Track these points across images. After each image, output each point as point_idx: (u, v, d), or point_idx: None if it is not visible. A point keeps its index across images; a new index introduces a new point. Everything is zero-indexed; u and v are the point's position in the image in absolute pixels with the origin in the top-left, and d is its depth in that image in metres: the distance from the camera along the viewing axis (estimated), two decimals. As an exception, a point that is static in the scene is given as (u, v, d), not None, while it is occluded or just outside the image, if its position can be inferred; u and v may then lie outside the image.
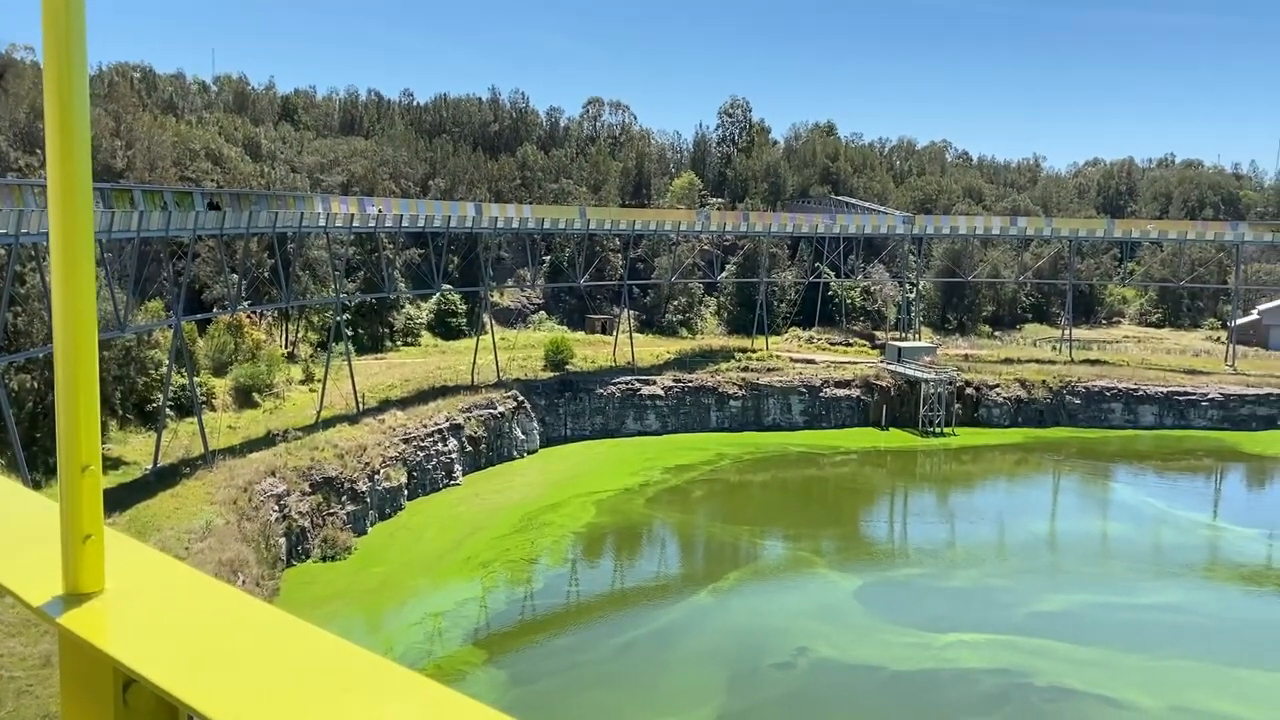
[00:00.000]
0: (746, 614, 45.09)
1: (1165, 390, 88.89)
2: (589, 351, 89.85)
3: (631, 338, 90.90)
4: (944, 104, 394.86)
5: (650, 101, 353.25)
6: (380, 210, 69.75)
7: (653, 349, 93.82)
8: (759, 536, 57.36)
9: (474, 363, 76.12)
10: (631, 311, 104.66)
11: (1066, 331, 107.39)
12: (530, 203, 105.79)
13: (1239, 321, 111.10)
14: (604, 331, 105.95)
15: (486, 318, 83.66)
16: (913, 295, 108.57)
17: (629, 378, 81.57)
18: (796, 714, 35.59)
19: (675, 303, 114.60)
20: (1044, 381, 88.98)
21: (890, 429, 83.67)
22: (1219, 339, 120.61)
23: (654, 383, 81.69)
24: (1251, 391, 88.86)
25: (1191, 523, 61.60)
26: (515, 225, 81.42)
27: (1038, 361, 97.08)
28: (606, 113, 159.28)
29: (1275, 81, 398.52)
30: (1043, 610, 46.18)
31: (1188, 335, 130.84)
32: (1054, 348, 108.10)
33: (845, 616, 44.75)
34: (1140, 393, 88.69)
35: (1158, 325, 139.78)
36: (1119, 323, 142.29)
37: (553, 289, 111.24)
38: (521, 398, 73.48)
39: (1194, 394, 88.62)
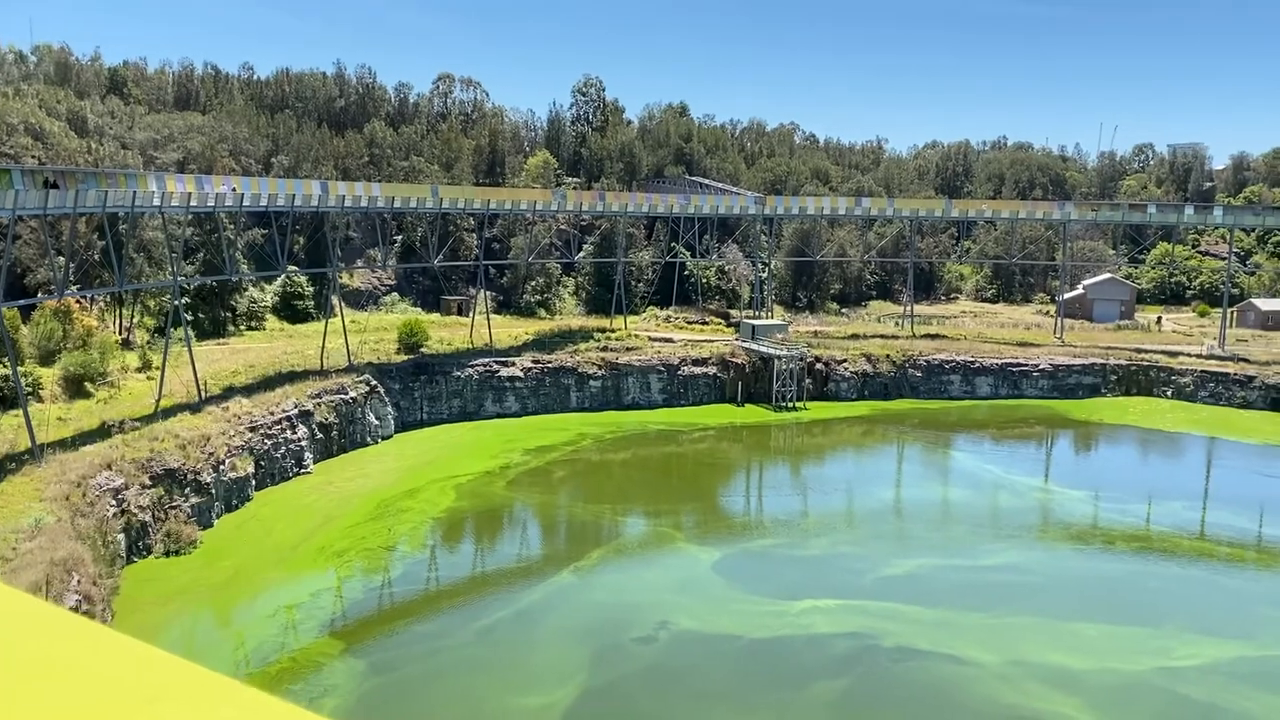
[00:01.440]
0: (609, 591, 45.40)
1: (1000, 362, 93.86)
2: (444, 333, 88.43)
3: (489, 319, 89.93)
4: (792, 86, 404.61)
5: (503, 79, 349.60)
6: (235, 188, 66.68)
7: (510, 330, 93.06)
8: (621, 514, 57.80)
9: (323, 347, 73.86)
10: (488, 292, 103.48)
11: (908, 307, 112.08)
12: (379, 181, 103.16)
13: (1066, 296, 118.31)
14: (460, 313, 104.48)
15: (335, 300, 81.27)
16: (765, 274, 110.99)
17: (487, 359, 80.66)
18: (658, 686, 36.09)
19: (533, 283, 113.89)
20: (888, 356, 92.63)
21: (746, 405, 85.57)
22: (1048, 312, 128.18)
23: (512, 364, 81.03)
24: (1078, 362, 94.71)
25: (1026, 487, 65.29)
26: (364, 204, 79.14)
27: (882, 337, 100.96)
28: (458, 89, 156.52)
29: (1097, 68, 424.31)
30: (890, 575, 48.16)
31: (1020, 309, 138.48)
32: (897, 323, 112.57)
33: (705, 589, 45.59)
34: (977, 365, 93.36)
35: (992, 300, 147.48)
36: (957, 298, 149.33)
37: (405, 270, 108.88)
38: (374, 382, 71.73)
39: (1026, 365, 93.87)
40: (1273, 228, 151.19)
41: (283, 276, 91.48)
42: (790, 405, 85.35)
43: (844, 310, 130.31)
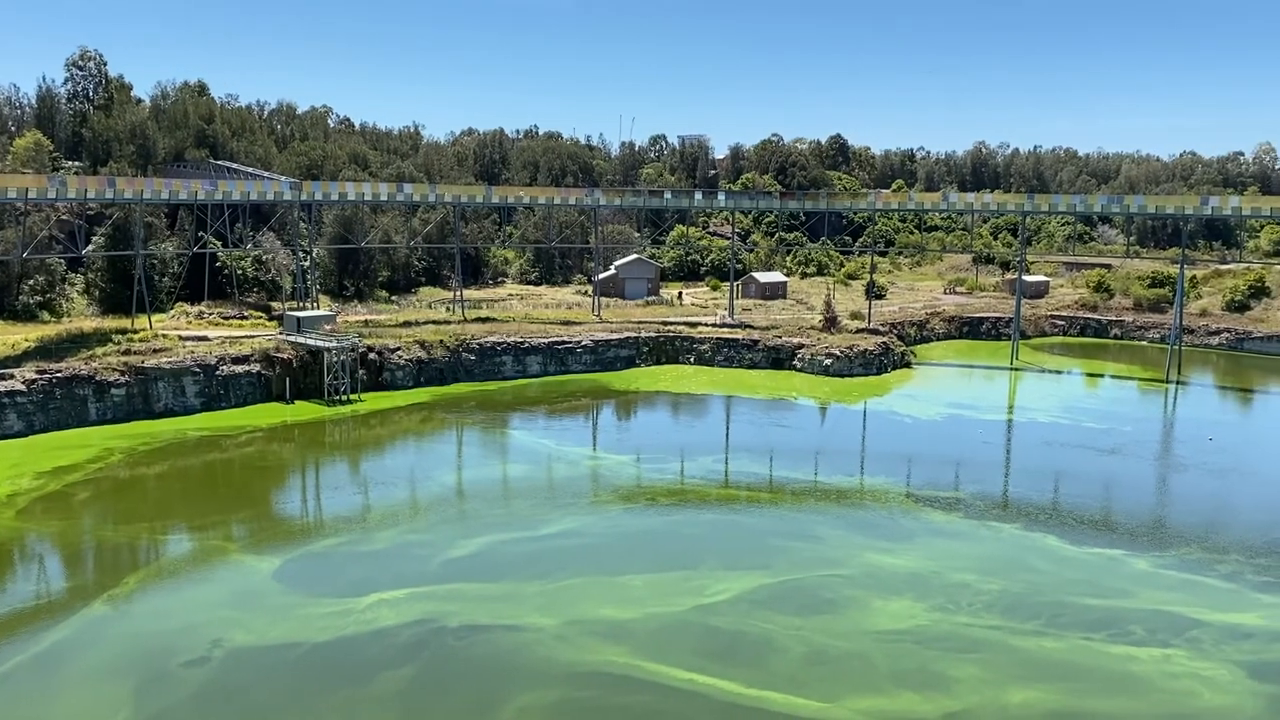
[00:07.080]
0: (151, 617, 41.26)
1: (547, 341, 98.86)
2: (-83, 346, 74.74)
3: (-24, 326, 77.34)
4: (323, 67, 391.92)
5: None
6: None
7: (6, 337, 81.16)
8: (161, 532, 52.69)
9: None
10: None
11: (458, 292, 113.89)
12: None
13: (601, 276, 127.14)
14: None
15: None
16: (307, 263, 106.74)
17: (-23, 373, 69.30)
18: (211, 710, 33.41)
19: (31, 282, 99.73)
20: (442, 341, 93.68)
21: (296, 402, 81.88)
22: (586, 292, 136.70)
23: (11, 376, 70.56)
24: (615, 336, 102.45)
25: (578, 456, 69.30)
26: None
27: (435, 322, 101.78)
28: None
29: (617, 58, 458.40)
30: (456, 556, 48.84)
31: (562, 290, 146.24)
32: (448, 309, 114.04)
33: (262, 599, 43.05)
34: (526, 345, 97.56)
35: (536, 283, 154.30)
36: (504, 282, 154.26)
37: None
38: None
39: (570, 342, 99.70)
40: (765, 210, 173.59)
41: None
42: (344, 398, 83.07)
43: (394, 298, 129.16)
